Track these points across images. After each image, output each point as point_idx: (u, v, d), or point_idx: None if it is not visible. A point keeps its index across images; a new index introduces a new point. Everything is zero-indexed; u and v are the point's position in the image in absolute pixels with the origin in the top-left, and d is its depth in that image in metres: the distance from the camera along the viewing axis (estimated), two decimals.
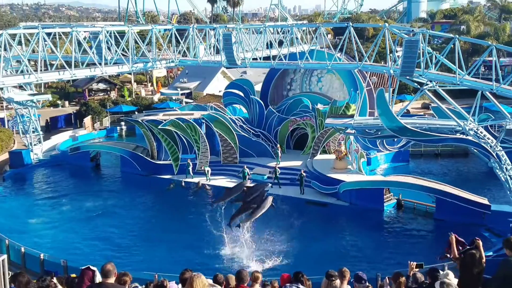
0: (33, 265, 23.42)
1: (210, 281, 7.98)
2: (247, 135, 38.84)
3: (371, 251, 26.16)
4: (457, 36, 27.28)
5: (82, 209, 32.90)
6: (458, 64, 25.76)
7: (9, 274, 8.36)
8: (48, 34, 35.03)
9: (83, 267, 9.79)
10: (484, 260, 8.43)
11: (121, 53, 37.04)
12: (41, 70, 34.68)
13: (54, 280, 11.05)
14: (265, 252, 25.04)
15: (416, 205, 31.25)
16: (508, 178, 25.68)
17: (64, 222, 30.97)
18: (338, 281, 9.00)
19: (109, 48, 37.35)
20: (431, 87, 26.98)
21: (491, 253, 22.65)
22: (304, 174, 33.69)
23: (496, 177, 27.14)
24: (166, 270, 18.40)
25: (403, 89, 55.68)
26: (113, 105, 58.76)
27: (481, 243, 8.64)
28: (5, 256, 6.95)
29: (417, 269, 10.09)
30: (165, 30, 52.31)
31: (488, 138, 26.27)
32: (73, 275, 12.42)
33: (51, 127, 53.98)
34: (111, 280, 7.82)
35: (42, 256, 23.30)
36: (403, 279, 9.37)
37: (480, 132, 26.37)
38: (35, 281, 10.00)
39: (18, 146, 46.59)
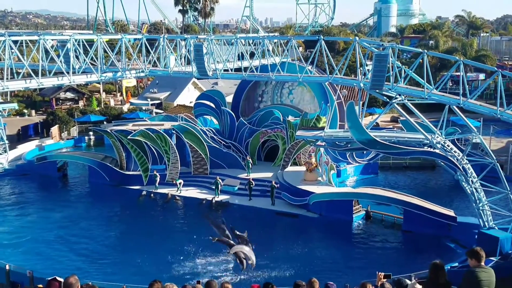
0: None
1: None
2: (218, 147, 38.76)
3: (340, 262, 26.34)
4: (426, 51, 27.82)
5: (49, 220, 32.24)
6: (427, 78, 26.28)
7: None
8: (15, 42, 34.32)
9: (49, 278, 9.62)
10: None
11: (90, 62, 36.57)
12: (7, 79, 33.96)
13: None
14: (235, 263, 24.91)
15: (384, 217, 31.65)
16: (474, 190, 26.19)
17: (30, 232, 30.24)
18: None
19: (77, 57, 36.82)
20: (400, 100, 27.42)
21: (456, 264, 23.07)
22: (276, 185, 33.79)
23: (462, 189, 27.66)
24: (135, 282, 18.18)
25: (373, 103, 56.52)
26: (81, 115, 57.85)
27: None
28: None
29: (385, 280, 10.21)
30: (135, 39, 52.02)
31: (455, 152, 26.78)
32: (40, 286, 12.21)
33: (22, 136, 52.94)
34: None
35: (7, 266, 22.75)
36: None
37: (447, 145, 26.87)
38: None
39: None
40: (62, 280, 8.67)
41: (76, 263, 25.68)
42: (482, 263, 7.98)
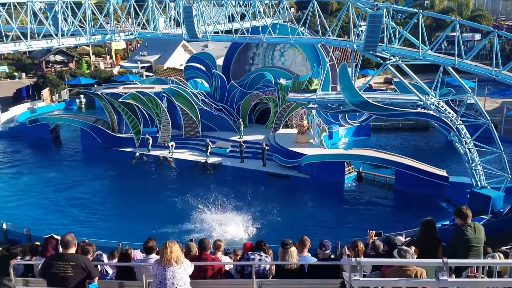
0: None
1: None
2: (209, 109, 38.47)
3: (331, 221, 26.66)
4: (421, 11, 27.36)
5: (43, 181, 32.56)
6: (421, 39, 25.92)
7: None
8: (3, 5, 33.53)
9: (46, 236, 9.64)
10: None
11: (78, 25, 35.85)
12: None
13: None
14: (229, 223, 25.12)
15: (376, 178, 31.81)
16: (467, 151, 26.28)
17: (25, 193, 30.69)
18: (293, 248, 9.05)
19: (65, 19, 36.07)
20: (393, 62, 27.14)
21: (447, 222, 23.31)
22: (266, 147, 33.75)
23: (455, 150, 27.76)
24: (130, 240, 18.28)
25: (366, 64, 56.03)
26: (72, 78, 57.20)
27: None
28: None
29: (376, 238, 10.23)
30: (123, 1, 50.95)
31: (449, 113, 26.73)
32: (37, 244, 12.26)
33: (17, 98, 52.45)
34: (72, 250, 7.69)
35: (4, 225, 23.13)
36: (361, 246, 9.48)
37: (441, 106, 26.79)
38: None
39: None
40: (59, 238, 8.68)
41: (71, 222, 26.07)
42: (469, 221, 8.04)
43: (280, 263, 9.11)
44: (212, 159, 35.01)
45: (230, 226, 24.62)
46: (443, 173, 29.23)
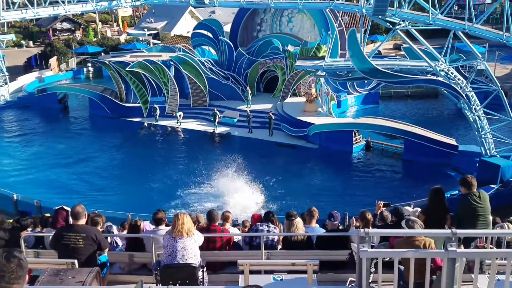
0: (6, 206, 23.35)
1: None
2: (216, 78, 38.23)
3: (339, 191, 26.62)
4: None
5: (53, 151, 32.69)
6: (431, 3, 25.44)
7: None
8: None
9: (57, 207, 9.72)
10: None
11: None
12: (2, 9, 33.17)
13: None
14: (237, 194, 25.21)
15: (385, 147, 31.68)
16: (477, 118, 26.02)
17: (35, 163, 30.83)
18: (298, 219, 9.08)
19: None
20: (403, 27, 26.67)
21: (456, 192, 23.22)
22: (273, 116, 33.58)
23: (464, 118, 27.51)
24: (139, 211, 18.44)
25: (375, 30, 55.31)
26: (79, 46, 56.96)
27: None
28: None
29: (384, 208, 10.24)
30: None
31: (459, 79, 26.37)
32: (47, 215, 12.39)
33: (28, 67, 52.30)
34: (82, 221, 7.74)
35: (15, 196, 23.24)
36: (369, 217, 9.50)
37: (451, 72, 26.43)
38: (9, 221, 9.89)
39: None
40: (69, 209, 8.74)
41: (81, 193, 26.12)
42: (473, 190, 8.03)
43: (289, 234, 9.15)
44: (220, 129, 34.95)
45: (239, 197, 24.72)
46: (452, 141, 29.03)
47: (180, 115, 36.28)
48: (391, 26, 27.11)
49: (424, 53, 27.04)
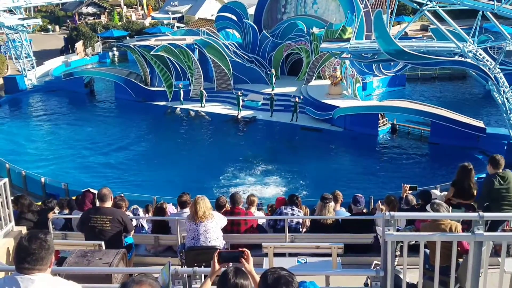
0: (34, 188, 23.81)
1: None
2: (240, 61, 38.12)
3: (365, 175, 26.40)
4: None
5: (80, 135, 33.17)
6: None
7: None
8: None
9: (84, 190, 9.88)
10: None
11: None
12: None
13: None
14: (262, 177, 25.29)
15: (411, 129, 31.29)
16: (505, 100, 25.48)
17: (63, 146, 31.35)
18: (332, 203, 9.07)
19: None
20: (430, 7, 26.09)
21: (483, 175, 22.88)
22: (298, 100, 33.36)
23: (493, 100, 26.97)
24: (165, 193, 18.63)
25: (402, 10, 54.45)
26: (104, 30, 57.40)
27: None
28: (6, 180, 6.93)
29: (410, 191, 10.14)
30: None
31: (487, 60, 25.80)
32: (74, 198, 12.63)
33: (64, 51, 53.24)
34: (108, 204, 7.86)
35: (43, 179, 23.68)
36: (395, 200, 9.44)
37: (479, 54, 25.86)
38: (38, 203, 10.11)
39: (12, 72, 45.98)
40: (95, 191, 8.87)
41: (107, 176, 26.48)
42: (499, 170, 7.96)
43: (312, 217, 9.15)
44: (244, 112, 34.91)
45: (263, 182, 24.78)
46: (480, 124, 28.50)
47: (204, 95, 36.20)
48: (418, 6, 26.55)
49: (451, 34, 26.47)
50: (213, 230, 7.21)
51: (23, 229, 7.18)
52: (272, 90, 36.29)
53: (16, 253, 3.74)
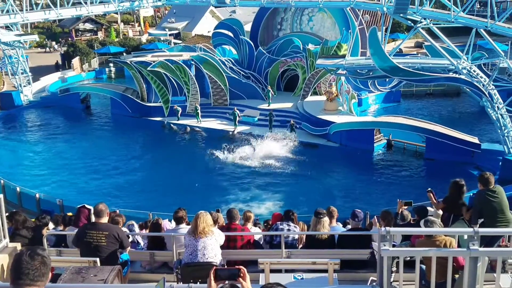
0: (29, 205, 23.71)
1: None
2: (237, 77, 38.29)
3: (360, 191, 26.44)
4: None
5: (75, 151, 33.09)
6: (453, 0, 25.15)
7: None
8: None
9: (79, 206, 9.83)
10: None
11: None
12: (26, 10, 33.76)
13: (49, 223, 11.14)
14: (258, 192, 25.25)
15: (406, 145, 31.40)
16: (499, 117, 25.67)
17: (58, 162, 31.21)
18: (326, 218, 9.06)
19: None
20: (425, 25, 26.44)
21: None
22: (293, 122, 33.50)
23: (487, 116, 27.14)
24: (160, 210, 18.58)
25: (396, 28, 54.89)
26: (101, 46, 57.61)
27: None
28: (1, 196, 6.88)
29: (405, 207, 10.15)
30: None
31: (481, 77, 26.05)
32: (69, 214, 12.56)
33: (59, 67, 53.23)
34: (104, 219, 7.78)
35: (38, 195, 23.55)
36: (391, 216, 9.44)
37: (473, 70, 26.11)
38: (33, 220, 10.05)
39: (8, 88, 45.99)
40: (91, 207, 8.83)
41: (103, 192, 26.37)
42: (490, 187, 8.07)
43: (309, 233, 9.13)
44: (240, 128, 34.97)
45: (260, 198, 24.74)
46: (474, 140, 28.65)
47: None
48: (412, 24, 26.87)
49: (446, 51, 26.74)
50: (212, 247, 7.18)
51: (18, 246, 7.13)
52: (269, 105, 36.43)
53: (15, 269, 3.72)
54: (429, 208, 10.22)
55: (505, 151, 26.12)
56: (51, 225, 10.73)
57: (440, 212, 9.46)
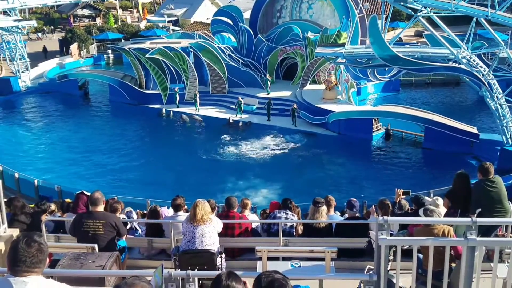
0: (27, 191, 23.74)
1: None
2: (236, 65, 38.12)
3: (359, 180, 26.48)
4: None
5: (74, 138, 33.11)
6: None
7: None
8: None
9: (77, 192, 9.84)
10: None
11: None
12: None
13: (52, 206, 11.16)
14: (256, 181, 25.26)
15: (405, 135, 31.39)
16: (499, 106, 25.64)
17: (56, 149, 31.22)
18: (324, 207, 9.08)
19: None
20: (425, 13, 26.25)
21: (475, 181, 22.98)
22: (296, 106, 33.40)
23: (486, 106, 27.12)
24: (158, 197, 18.60)
25: (396, 16, 54.59)
26: (99, 32, 57.32)
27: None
28: None
29: (403, 196, 10.17)
30: None
31: (481, 67, 25.97)
32: (68, 200, 12.57)
33: (47, 54, 52.86)
34: (100, 208, 7.80)
35: (36, 182, 23.55)
36: (389, 205, 9.46)
37: (473, 60, 26.02)
38: (31, 205, 10.07)
39: (6, 74, 45.83)
40: (89, 194, 8.84)
41: (100, 179, 26.39)
42: (489, 177, 8.04)
43: (306, 222, 9.16)
44: (239, 116, 34.83)
45: (258, 187, 24.76)
46: (473, 130, 28.63)
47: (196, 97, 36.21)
48: (412, 12, 26.70)
49: (446, 40, 26.63)
50: (210, 234, 7.20)
51: (16, 231, 7.14)
52: (268, 94, 36.34)
53: (12, 256, 3.72)
54: (426, 198, 10.24)
55: (504, 141, 26.12)
56: (54, 209, 10.77)
57: (440, 202, 9.46)
